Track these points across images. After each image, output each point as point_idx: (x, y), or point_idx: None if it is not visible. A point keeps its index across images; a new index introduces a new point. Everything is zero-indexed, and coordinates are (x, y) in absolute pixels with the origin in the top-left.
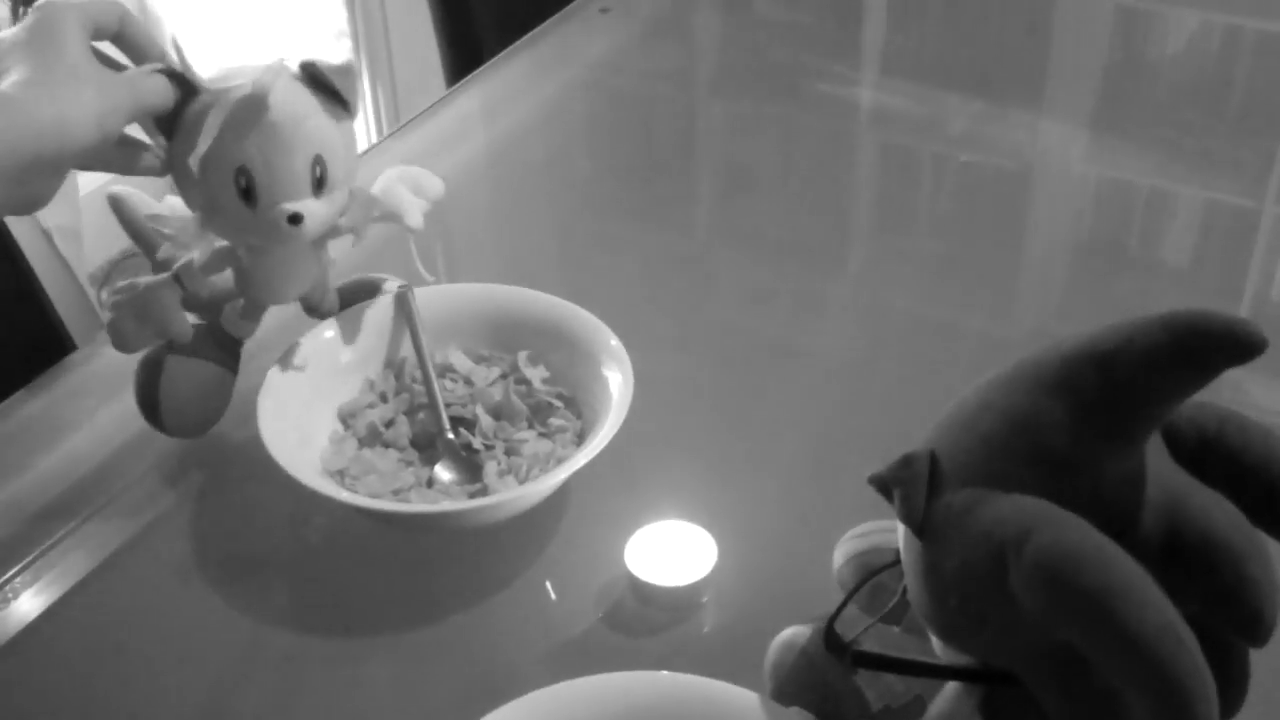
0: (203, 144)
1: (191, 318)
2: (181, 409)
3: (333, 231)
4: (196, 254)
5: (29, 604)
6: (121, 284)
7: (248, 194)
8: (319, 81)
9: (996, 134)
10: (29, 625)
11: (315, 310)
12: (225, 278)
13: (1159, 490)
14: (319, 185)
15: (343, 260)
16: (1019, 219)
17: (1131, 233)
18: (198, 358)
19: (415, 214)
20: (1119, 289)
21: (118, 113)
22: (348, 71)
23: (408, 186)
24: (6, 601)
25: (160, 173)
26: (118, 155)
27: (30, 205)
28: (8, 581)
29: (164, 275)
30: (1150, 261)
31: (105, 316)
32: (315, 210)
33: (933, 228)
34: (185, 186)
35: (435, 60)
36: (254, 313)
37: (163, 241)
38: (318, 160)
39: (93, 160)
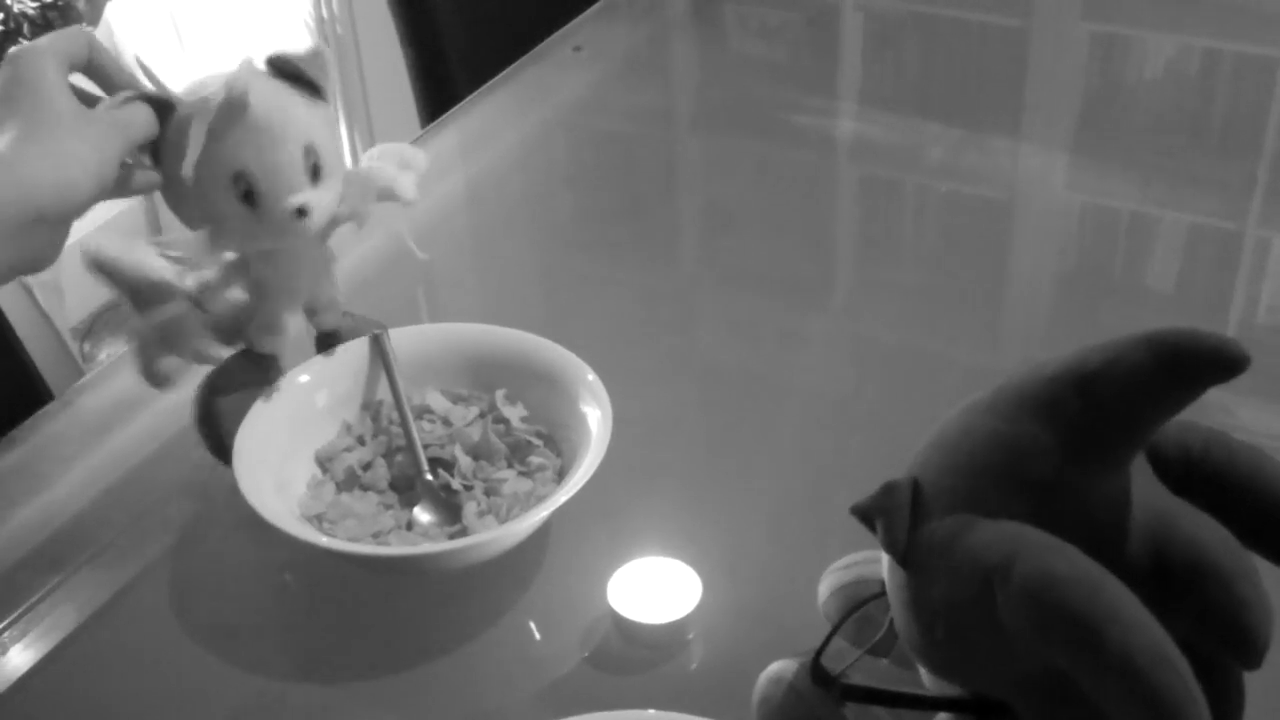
0: (191, 155)
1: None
2: None
3: (334, 221)
4: (210, 272)
5: (18, 659)
6: (135, 323)
7: (248, 198)
8: (288, 73)
9: (977, 163)
10: (17, 682)
11: (318, 316)
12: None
13: (1146, 512)
14: (315, 175)
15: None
16: (1001, 247)
17: (1115, 258)
18: (243, 390)
19: (409, 188)
20: (1104, 315)
21: (113, 160)
22: (317, 56)
23: (393, 162)
24: None
25: (152, 189)
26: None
27: (35, 265)
28: None
29: (180, 302)
30: (1134, 286)
31: (88, 368)
32: (318, 200)
33: (915, 258)
34: (181, 206)
35: (411, 104)
36: (274, 323)
37: (151, 282)
38: (309, 150)
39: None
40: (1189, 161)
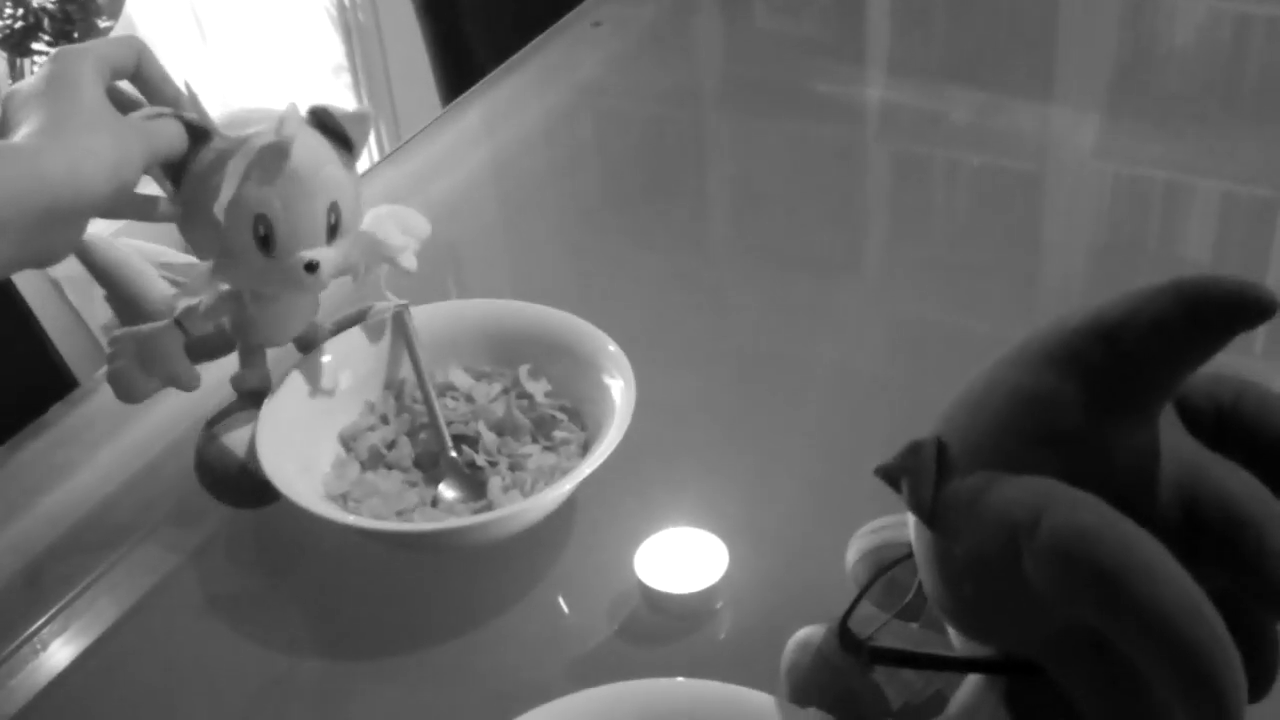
0: (226, 192)
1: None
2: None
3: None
4: (203, 298)
5: (60, 653)
6: (118, 332)
7: (265, 242)
8: (328, 127)
9: (1006, 133)
10: (58, 676)
11: (309, 348)
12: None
13: (1175, 464)
14: (332, 232)
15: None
16: (1033, 220)
17: (1148, 227)
18: (246, 426)
19: (409, 256)
20: (1137, 285)
21: (133, 163)
22: (363, 119)
23: (396, 225)
24: (36, 653)
25: (173, 220)
26: (134, 204)
27: (47, 259)
28: (36, 632)
29: (165, 321)
30: (1169, 257)
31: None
32: (329, 257)
33: (945, 233)
34: (194, 234)
35: (435, 90)
36: (255, 359)
37: (143, 296)
38: (333, 208)
39: (109, 211)
40: (1223, 127)
